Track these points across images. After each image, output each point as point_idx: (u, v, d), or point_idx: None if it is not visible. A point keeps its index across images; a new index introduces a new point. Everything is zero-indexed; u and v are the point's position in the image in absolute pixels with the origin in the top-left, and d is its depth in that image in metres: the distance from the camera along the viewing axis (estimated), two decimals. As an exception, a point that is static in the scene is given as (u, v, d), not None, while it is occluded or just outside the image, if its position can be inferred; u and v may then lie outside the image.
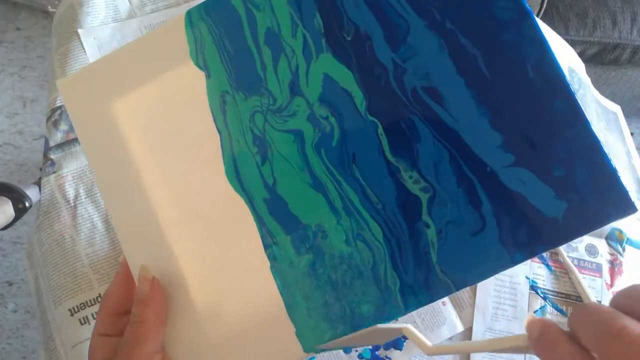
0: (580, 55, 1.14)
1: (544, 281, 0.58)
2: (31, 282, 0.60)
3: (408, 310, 0.34)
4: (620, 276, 0.59)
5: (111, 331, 0.38)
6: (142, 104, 0.39)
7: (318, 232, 0.36)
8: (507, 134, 0.33)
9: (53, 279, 0.56)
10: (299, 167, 0.36)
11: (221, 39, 0.38)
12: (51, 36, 0.68)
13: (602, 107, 0.72)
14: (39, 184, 0.62)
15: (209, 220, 0.38)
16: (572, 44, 1.14)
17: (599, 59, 1.20)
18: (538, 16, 1.12)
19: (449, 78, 0.34)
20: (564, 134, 0.32)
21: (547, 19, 1.16)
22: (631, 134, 0.73)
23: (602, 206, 0.31)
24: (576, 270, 0.58)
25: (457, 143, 0.33)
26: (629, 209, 0.31)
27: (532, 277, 0.59)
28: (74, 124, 0.40)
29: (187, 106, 0.38)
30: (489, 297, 0.58)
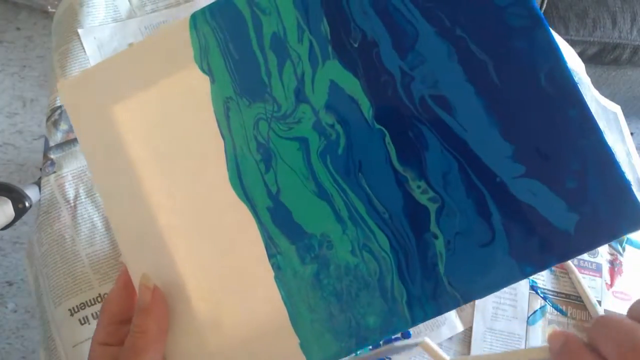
0: (580, 55, 1.14)
1: (544, 281, 0.58)
2: (31, 282, 0.60)
3: (415, 323, 0.33)
4: (620, 276, 0.58)
5: (111, 340, 0.37)
6: (144, 108, 0.37)
7: (323, 242, 0.35)
8: (517, 144, 0.32)
9: (53, 278, 0.56)
10: (304, 176, 0.35)
11: (226, 44, 0.37)
12: (51, 36, 0.68)
13: (601, 107, 0.72)
14: (39, 183, 0.61)
15: (212, 228, 0.36)
16: (572, 44, 1.14)
17: (598, 59, 1.20)
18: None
19: (458, 86, 0.33)
20: (577, 145, 0.31)
21: (547, 19, 1.16)
22: (631, 133, 0.73)
23: (614, 219, 0.30)
24: (576, 270, 0.57)
25: (466, 153, 0.33)
26: None
27: (532, 277, 0.58)
28: (74, 128, 0.38)
29: (190, 111, 0.37)
30: (488, 297, 0.57)
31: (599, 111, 0.71)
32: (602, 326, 0.26)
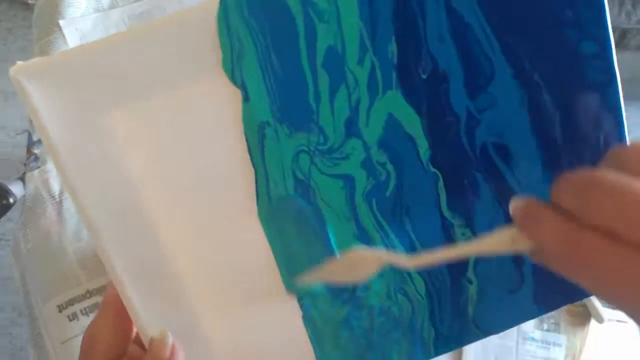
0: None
1: None
2: (17, 279, 0.59)
3: (437, 356, 0.34)
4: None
5: None
6: (150, 120, 0.29)
7: (358, 285, 0.33)
8: None
9: (40, 275, 0.54)
10: (345, 217, 0.31)
11: (267, 53, 0.28)
12: (32, 28, 0.67)
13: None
14: (23, 179, 0.60)
15: (235, 268, 0.32)
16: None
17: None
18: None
19: (523, 137, 0.31)
20: None
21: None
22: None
23: None
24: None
25: None
26: None
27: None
28: (41, 135, 0.28)
29: (213, 130, 0.29)
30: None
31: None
32: (563, 179, 0.24)
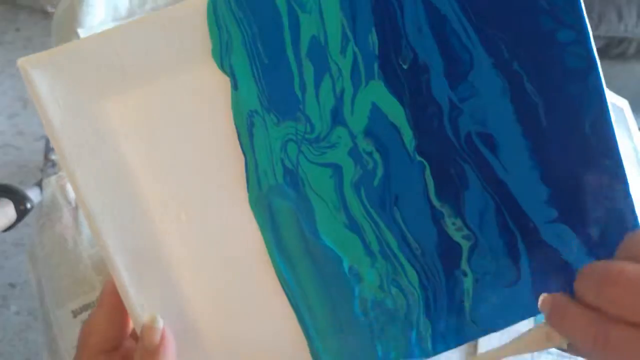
0: (586, 49, 1.13)
1: None
2: (33, 284, 0.60)
3: (436, 354, 0.33)
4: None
5: None
6: (144, 106, 0.30)
7: (351, 275, 0.32)
8: (554, 188, 0.31)
9: (55, 280, 0.55)
10: (334, 206, 0.32)
11: (254, 42, 0.30)
12: (51, 36, 0.68)
13: (610, 103, 0.71)
14: (40, 185, 0.61)
15: (226, 256, 0.32)
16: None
17: (604, 53, 1.19)
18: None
19: (507, 126, 0.31)
20: (606, 194, 0.31)
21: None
22: (639, 128, 0.73)
23: None
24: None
25: (505, 194, 0.31)
26: None
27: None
28: (44, 122, 0.29)
29: (204, 116, 0.31)
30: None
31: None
32: (582, 274, 0.26)
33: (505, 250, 0.32)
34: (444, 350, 0.33)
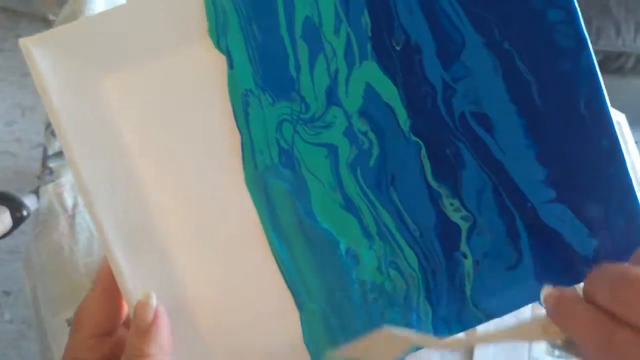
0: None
1: None
2: (28, 292, 0.60)
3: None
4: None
5: (92, 356, 0.31)
6: (142, 84, 0.31)
7: (348, 257, 0.32)
8: (551, 168, 0.31)
9: (50, 289, 0.54)
10: (330, 186, 0.32)
11: (249, 23, 0.30)
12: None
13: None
14: (37, 192, 0.61)
15: (220, 234, 0.32)
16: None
17: (602, 67, 1.20)
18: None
19: (501, 105, 0.31)
20: (605, 174, 0.31)
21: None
22: (636, 142, 0.73)
23: (629, 247, 0.30)
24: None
25: (502, 174, 0.31)
26: None
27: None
28: (43, 97, 0.29)
29: (201, 94, 0.31)
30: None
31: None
32: (595, 274, 0.25)
33: (505, 231, 0.32)
34: (445, 335, 0.32)
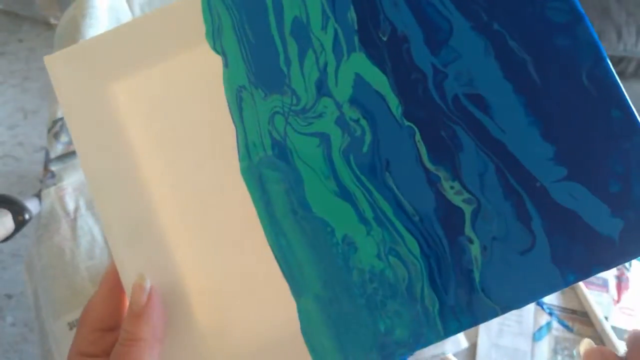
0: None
1: (550, 296, 0.56)
2: (30, 296, 0.60)
3: (448, 335, 0.30)
4: (627, 291, 0.58)
5: (94, 350, 0.32)
6: (147, 87, 0.33)
7: (345, 245, 0.32)
8: (559, 145, 0.30)
9: (52, 292, 0.55)
10: (324, 175, 0.32)
11: (242, 25, 0.33)
12: (53, 48, 0.69)
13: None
14: (39, 196, 0.61)
15: (218, 224, 0.33)
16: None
17: (604, 71, 1.20)
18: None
19: (496, 84, 0.31)
20: (621, 146, 0.30)
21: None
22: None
23: None
24: (583, 285, 0.57)
25: (504, 154, 0.30)
26: None
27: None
28: (62, 105, 0.34)
29: (200, 93, 0.33)
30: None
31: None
32: (633, 339, 0.25)
33: (514, 213, 0.30)
34: (456, 331, 0.30)
